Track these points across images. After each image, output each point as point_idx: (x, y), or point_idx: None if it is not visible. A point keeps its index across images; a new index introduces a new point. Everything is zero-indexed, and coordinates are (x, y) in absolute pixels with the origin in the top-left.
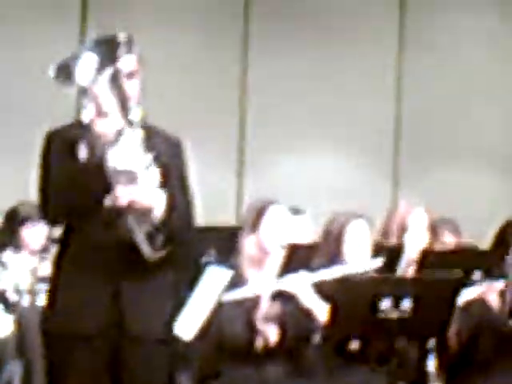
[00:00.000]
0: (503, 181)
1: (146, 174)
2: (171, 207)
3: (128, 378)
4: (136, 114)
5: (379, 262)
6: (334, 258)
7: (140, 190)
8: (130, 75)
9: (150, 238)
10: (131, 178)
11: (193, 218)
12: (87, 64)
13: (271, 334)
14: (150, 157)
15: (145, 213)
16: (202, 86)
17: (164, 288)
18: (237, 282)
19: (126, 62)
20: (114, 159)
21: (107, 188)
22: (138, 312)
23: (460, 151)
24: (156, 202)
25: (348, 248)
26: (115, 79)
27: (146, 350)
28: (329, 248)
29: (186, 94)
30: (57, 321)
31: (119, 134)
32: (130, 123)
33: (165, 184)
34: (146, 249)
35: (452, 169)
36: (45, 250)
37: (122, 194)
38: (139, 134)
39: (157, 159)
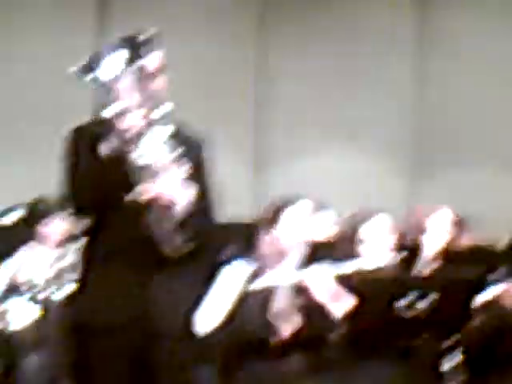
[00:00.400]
0: None
1: (170, 170)
2: (194, 204)
3: (152, 371)
4: (161, 111)
5: (397, 257)
6: (351, 255)
7: (163, 185)
8: (155, 72)
9: (172, 233)
10: (155, 173)
11: (215, 215)
12: (112, 60)
13: (289, 327)
14: (174, 153)
15: (167, 208)
16: (219, 82)
17: (187, 283)
18: (257, 277)
19: (151, 58)
20: (139, 154)
21: (131, 183)
22: (162, 307)
23: (476, 150)
24: (179, 198)
25: (365, 246)
26: (140, 75)
27: (170, 344)
28: (345, 246)
29: (203, 92)
30: (82, 313)
31: (144, 129)
32: (155, 119)
33: (188, 181)
34: (167, 245)
35: (468, 168)
36: (65, 243)
37: (146, 189)
38: (164, 130)
39: (181, 156)
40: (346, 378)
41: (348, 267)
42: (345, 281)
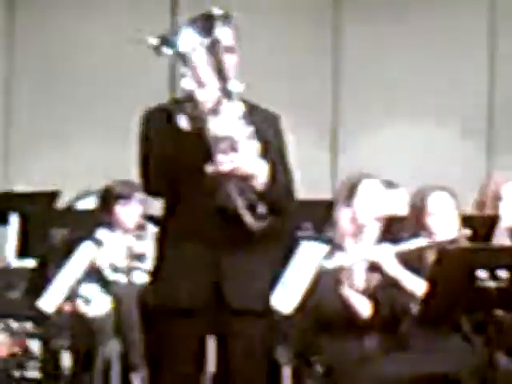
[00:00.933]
0: None
1: (247, 144)
2: (273, 177)
3: (228, 351)
4: (235, 86)
5: (466, 232)
6: (419, 230)
7: (241, 157)
8: (228, 49)
9: (252, 207)
10: (232, 145)
11: (293, 191)
12: (186, 35)
13: (366, 306)
14: (250, 129)
15: (246, 180)
16: (293, 64)
17: (263, 261)
18: (334, 254)
19: (223, 34)
20: (215, 127)
21: (208, 156)
22: (237, 285)
23: None
24: (257, 171)
25: (432, 220)
26: (213, 50)
27: (245, 324)
28: (413, 221)
29: (280, 73)
30: (157, 295)
31: (219, 103)
32: (229, 94)
33: (265, 158)
34: (247, 218)
35: None
36: (140, 227)
37: (224, 161)
38: (239, 105)
39: (256, 133)
40: (428, 352)
41: (420, 242)
42: (418, 255)
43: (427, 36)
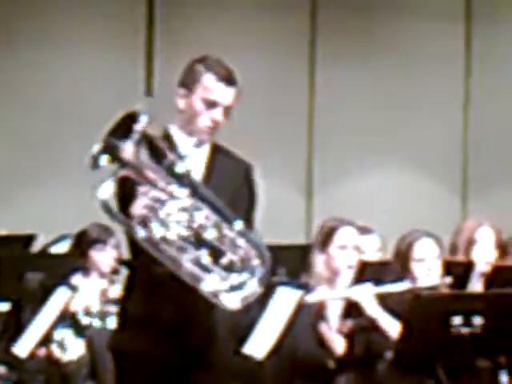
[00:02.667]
0: None
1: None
2: None
3: None
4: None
5: (448, 279)
6: (403, 275)
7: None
8: (226, 110)
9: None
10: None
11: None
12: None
13: (341, 344)
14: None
15: None
16: (270, 109)
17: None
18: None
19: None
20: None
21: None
22: (201, 338)
23: None
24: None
25: (416, 266)
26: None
27: (217, 372)
28: (398, 266)
29: (254, 117)
30: (127, 341)
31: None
32: (179, 179)
33: (233, 207)
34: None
35: None
36: (114, 272)
37: None
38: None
39: (225, 181)
40: None
41: (399, 286)
42: (394, 300)
43: (403, 87)
